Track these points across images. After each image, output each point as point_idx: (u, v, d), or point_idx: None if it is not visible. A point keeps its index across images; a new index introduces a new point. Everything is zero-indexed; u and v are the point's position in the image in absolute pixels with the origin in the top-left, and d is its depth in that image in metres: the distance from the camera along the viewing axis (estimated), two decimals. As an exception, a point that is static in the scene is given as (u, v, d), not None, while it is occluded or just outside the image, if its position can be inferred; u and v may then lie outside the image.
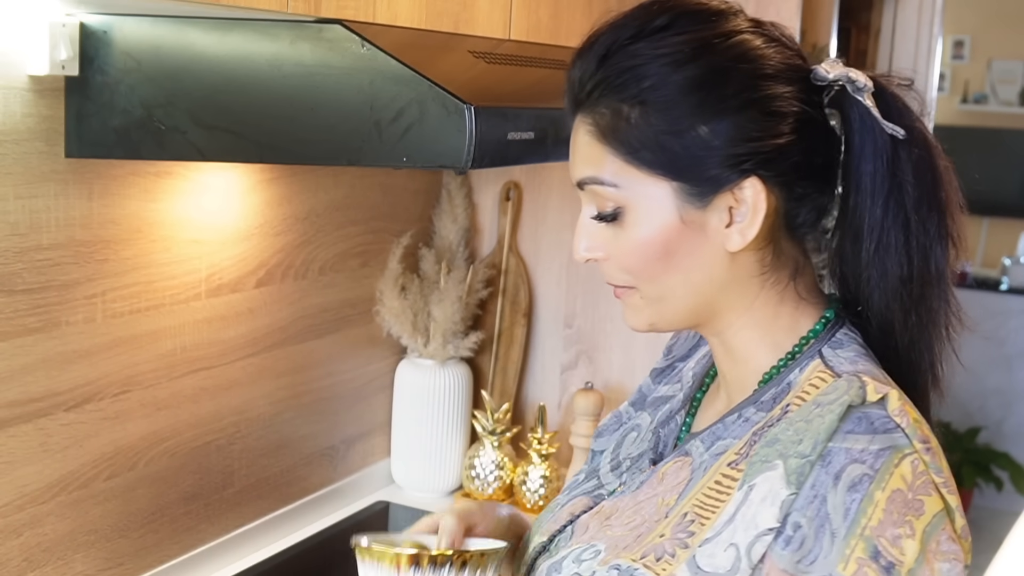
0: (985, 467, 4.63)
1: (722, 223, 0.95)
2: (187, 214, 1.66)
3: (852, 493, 0.86)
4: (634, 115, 0.94)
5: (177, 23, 1.34)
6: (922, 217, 0.96)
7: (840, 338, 0.98)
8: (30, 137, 1.39)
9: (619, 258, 0.98)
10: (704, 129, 0.93)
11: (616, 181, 0.96)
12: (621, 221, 0.97)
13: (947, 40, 5.84)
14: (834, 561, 0.85)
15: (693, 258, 0.96)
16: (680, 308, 0.99)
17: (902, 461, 0.87)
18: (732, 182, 0.94)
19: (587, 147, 0.97)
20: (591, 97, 0.97)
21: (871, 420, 0.89)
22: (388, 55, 1.25)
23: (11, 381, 1.42)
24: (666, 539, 0.93)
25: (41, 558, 1.49)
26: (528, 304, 2.33)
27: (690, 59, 0.93)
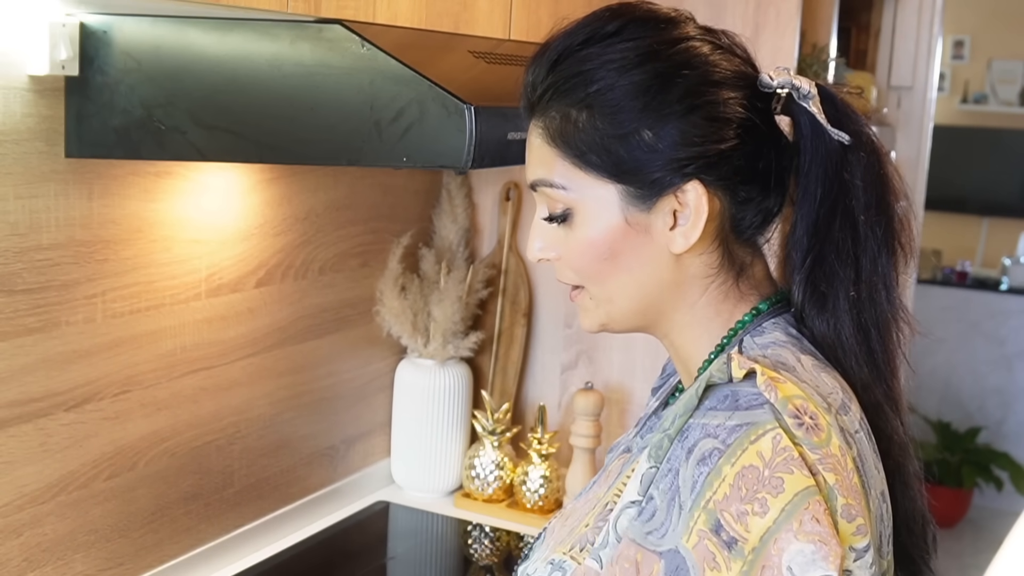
0: (985, 467, 4.63)
1: (666, 226, 0.97)
2: (187, 214, 1.66)
3: (701, 467, 0.87)
4: (582, 119, 0.96)
5: (177, 23, 1.34)
6: (871, 222, 0.98)
7: (765, 327, 0.99)
8: (30, 137, 1.39)
9: (569, 258, 1.01)
10: (648, 133, 0.95)
11: (565, 183, 0.98)
12: (570, 222, 0.99)
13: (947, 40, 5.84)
14: (680, 533, 0.86)
15: (638, 259, 0.98)
16: (627, 309, 1.01)
17: (761, 437, 0.87)
18: (675, 185, 0.96)
19: (539, 150, 1.00)
20: (542, 101, 0.99)
21: (737, 397, 0.90)
22: (388, 55, 1.25)
23: (11, 381, 1.42)
24: (589, 528, 0.97)
25: (41, 558, 1.49)
26: (528, 304, 2.33)
27: (636, 64, 0.95)
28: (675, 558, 0.86)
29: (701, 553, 0.85)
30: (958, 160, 5.59)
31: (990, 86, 6.00)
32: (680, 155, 0.95)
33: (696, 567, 0.85)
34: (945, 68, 5.91)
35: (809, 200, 0.98)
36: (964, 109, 6.03)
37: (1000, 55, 5.95)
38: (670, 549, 0.86)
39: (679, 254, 0.98)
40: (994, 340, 4.92)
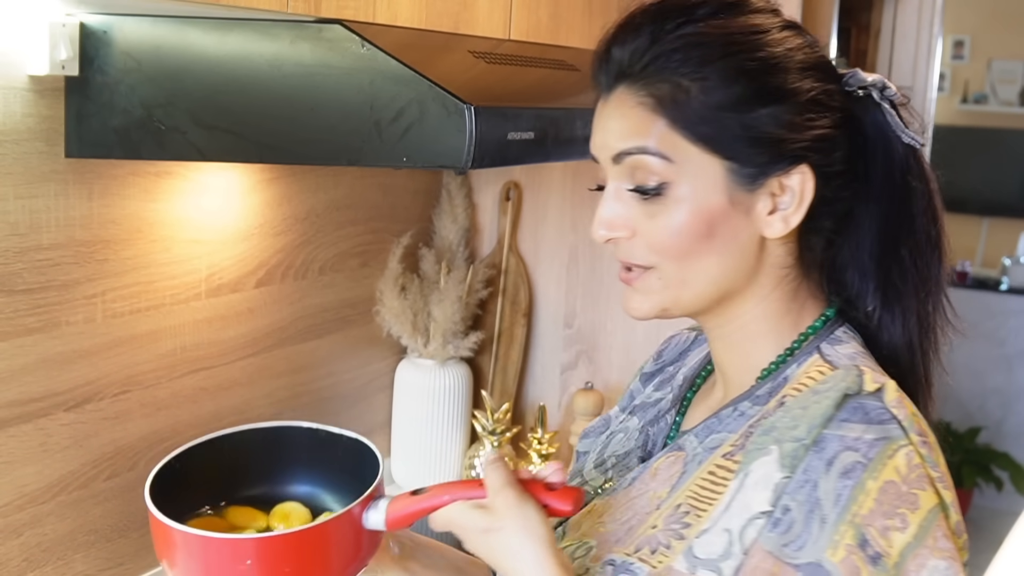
0: (985, 467, 4.63)
1: (766, 209, 0.96)
2: (187, 214, 1.66)
3: (844, 480, 0.86)
4: (695, 89, 0.93)
5: (177, 23, 1.34)
6: (925, 225, 0.99)
7: (839, 335, 0.99)
8: (30, 137, 1.39)
9: (651, 235, 0.96)
10: (763, 112, 0.94)
11: (668, 153, 0.94)
12: (664, 196, 0.95)
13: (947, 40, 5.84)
14: (823, 546, 0.85)
15: (733, 242, 0.96)
16: (701, 293, 0.98)
17: (896, 453, 0.87)
18: (782, 168, 0.95)
19: (636, 119, 0.95)
20: (646, 70, 0.95)
21: (867, 410, 0.89)
22: (388, 55, 1.25)
23: (11, 381, 1.42)
24: (659, 530, 0.93)
25: (41, 558, 1.49)
26: (528, 304, 2.33)
27: (759, 40, 0.95)
28: (817, 571, 0.84)
29: (848, 567, 0.84)
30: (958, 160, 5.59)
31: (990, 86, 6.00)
32: (793, 136, 0.94)
33: None
34: (945, 68, 5.91)
35: (877, 203, 0.99)
36: (964, 109, 6.03)
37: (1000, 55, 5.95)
38: (810, 562, 0.85)
39: (768, 240, 0.97)
40: (994, 340, 4.92)
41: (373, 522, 0.98)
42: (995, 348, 4.92)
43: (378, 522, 0.98)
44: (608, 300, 2.27)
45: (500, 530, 0.92)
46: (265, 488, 1.09)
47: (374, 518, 0.98)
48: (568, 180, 2.29)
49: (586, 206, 2.28)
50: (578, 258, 2.29)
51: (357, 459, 1.07)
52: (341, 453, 1.09)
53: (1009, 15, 5.85)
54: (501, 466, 0.96)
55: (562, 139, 1.46)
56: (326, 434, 1.09)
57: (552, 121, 1.43)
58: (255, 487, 1.09)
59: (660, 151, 0.94)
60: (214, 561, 0.94)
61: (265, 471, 1.10)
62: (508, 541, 0.92)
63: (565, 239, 2.30)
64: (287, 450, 1.10)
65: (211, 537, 0.94)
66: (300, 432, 1.10)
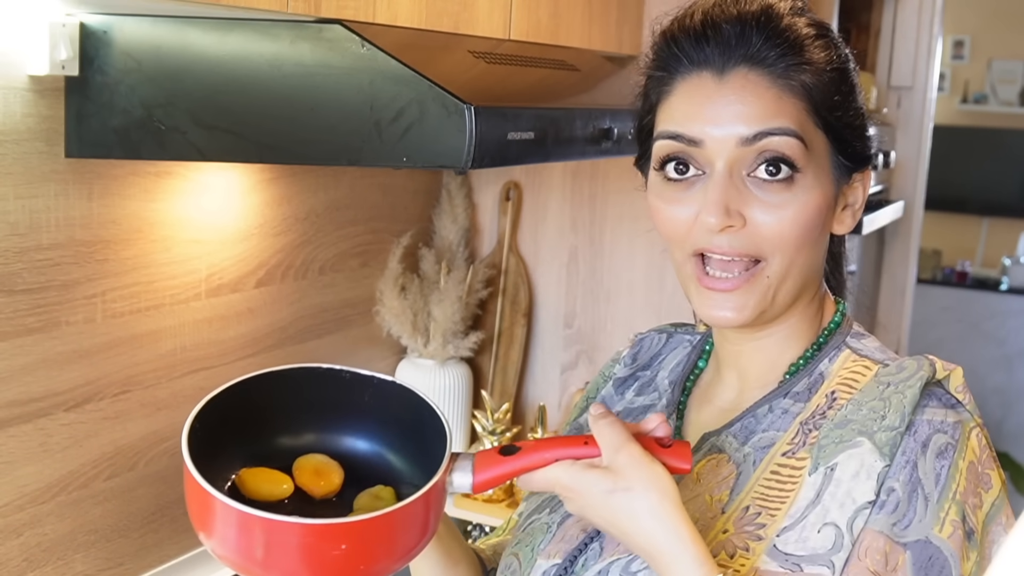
0: (985, 467, 4.62)
1: (842, 204, 0.99)
2: (187, 214, 1.66)
3: (940, 460, 0.89)
4: (828, 76, 0.95)
5: (177, 23, 1.34)
6: None
7: (858, 330, 1.03)
8: (30, 137, 1.39)
9: (772, 225, 0.92)
10: (856, 107, 0.98)
11: (807, 139, 0.93)
12: (793, 184, 0.93)
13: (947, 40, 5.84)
14: (929, 524, 0.87)
15: (824, 235, 0.98)
16: (793, 290, 0.96)
17: (971, 434, 0.92)
18: (865, 167, 0.99)
19: (774, 100, 0.92)
20: (787, 53, 0.93)
21: (938, 396, 0.93)
22: (388, 55, 1.25)
23: (11, 381, 1.42)
24: (732, 535, 0.92)
25: (41, 558, 1.49)
26: (528, 304, 2.33)
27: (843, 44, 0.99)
28: (926, 548, 0.87)
29: (957, 543, 0.87)
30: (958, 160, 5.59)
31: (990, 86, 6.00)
32: (870, 132, 0.99)
33: (955, 556, 0.87)
34: (945, 68, 5.91)
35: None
36: (964, 109, 6.03)
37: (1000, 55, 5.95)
38: (918, 540, 0.87)
39: (835, 235, 1.00)
40: (994, 340, 4.92)
41: (459, 485, 0.89)
42: (995, 348, 4.92)
43: (464, 484, 0.89)
44: (608, 300, 2.27)
45: (628, 491, 0.86)
46: (287, 438, 0.96)
47: (460, 480, 0.89)
48: (568, 180, 2.29)
49: (586, 206, 2.28)
50: (578, 258, 2.29)
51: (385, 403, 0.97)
52: (368, 397, 0.99)
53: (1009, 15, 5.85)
54: (616, 421, 0.89)
55: (562, 139, 1.46)
56: (351, 375, 0.99)
57: (552, 121, 1.43)
58: (278, 437, 0.96)
59: (802, 135, 0.93)
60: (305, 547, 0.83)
61: (287, 419, 0.97)
62: (638, 504, 0.86)
63: (565, 239, 2.30)
64: (309, 395, 0.99)
65: (304, 524, 0.82)
66: (320, 375, 1.00)
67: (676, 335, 1.16)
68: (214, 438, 0.91)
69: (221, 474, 0.92)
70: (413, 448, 0.95)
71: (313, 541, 0.82)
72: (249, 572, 0.86)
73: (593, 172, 2.27)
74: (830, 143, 0.95)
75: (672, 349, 1.15)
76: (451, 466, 0.89)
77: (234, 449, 0.94)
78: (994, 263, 5.60)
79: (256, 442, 0.95)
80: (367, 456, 0.97)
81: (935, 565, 0.87)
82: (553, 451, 0.89)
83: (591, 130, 1.52)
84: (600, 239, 2.27)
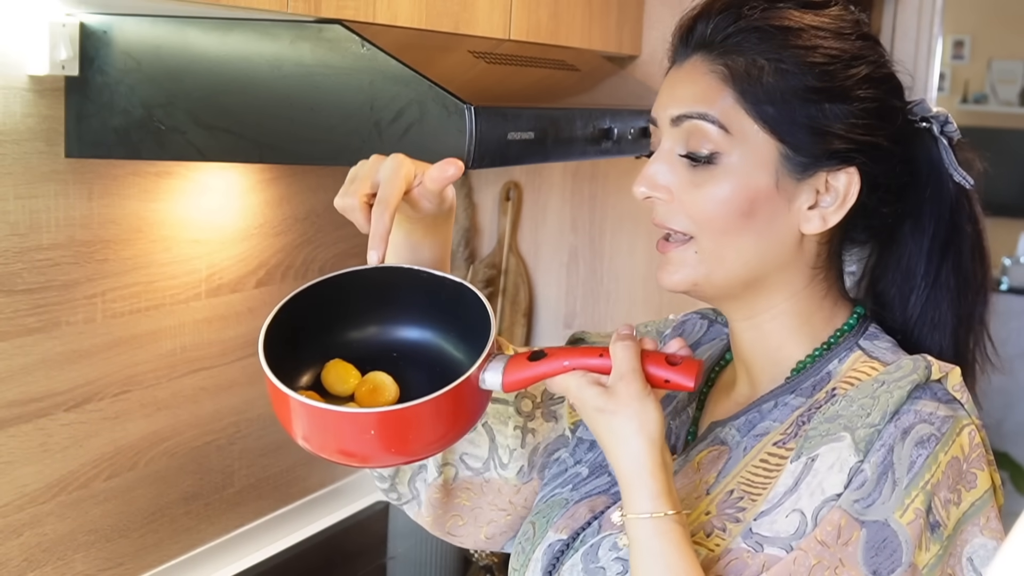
0: (985, 467, 4.63)
1: (806, 203, 0.97)
2: (187, 214, 1.66)
3: (919, 448, 0.90)
4: (768, 70, 0.96)
5: (177, 23, 1.34)
6: (972, 267, 1.04)
7: (873, 331, 1.02)
8: (30, 137, 1.39)
9: (693, 203, 0.97)
10: (828, 107, 0.96)
11: (727, 124, 0.96)
12: (714, 166, 0.96)
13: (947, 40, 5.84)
14: (892, 507, 0.88)
15: (769, 227, 0.97)
16: (733, 274, 0.99)
17: (963, 431, 0.92)
18: (833, 165, 0.97)
19: (705, 86, 0.97)
20: (727, 41, 0.97)
21: (934, 391, 0.93)
22: (388, 55, 1.26)
23: (11, 381, 1.42)
24: (713, 516, 0.96)
25: (41, 558, 1.49)
26: (528, 304, 2.33)
27: (841, 35, 0.98)
28: (883, 530, 0.88)
29: (915, 531, 0.88)
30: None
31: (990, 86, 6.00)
32: (850, 136, 0.96)
33: (909, 543, 0.88)
34: (945, 68, 5.92)
35: (921, 236, 1.02)
36: (964, 109, 6.03)
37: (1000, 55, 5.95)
38: (876, 521, 0.88)
39: (806, 235, 0.99)
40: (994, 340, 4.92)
41: (490, 383, 0.96)
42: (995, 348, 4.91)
43: (495, 383, 0.96)
44: (608, 300, 2.27)
45: (614, 414, 0.92)
46: (372, 329, 1.07)
47: (491, 379, 0.96)
48: (568, 180, 2.29)
49: (586, 206, 2.28)
50: (578, 258, 2.29)
51: (460, 305, 1.03)
52: (444, 298, 1.05)
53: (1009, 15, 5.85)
54: (632, 346, 0.94)
55: (562, 139, 1.46)
56: (428, 275, 1.05)
57: (552, 121, 1.43)
58: (361, 329, 1.06)
59: (720, 121, 0.96)
60: (339, 430, 0.96)
61: (369, 314, 1.07)
62: (619, 427, 0.92)
63: (565, 239, 2.30)
64: (393, 293, 1.06)
65: (333, 410, 0.95)
66: (403, 274, 1.06)
67: (716, 325, 1.18)
68: (289, 334, 1.04)
69: (299, 368, 1.06)
70: (467, 345, 1.02)
71: (346, 426, 0.95)
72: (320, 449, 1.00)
73: (593, 172, 2.27)
74: (770, 135, 0.96)
75: (711, 339, 1.17)
76: (485, 365, 0.96)
77: (308, 344, 1.06)
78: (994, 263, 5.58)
79: (327, 335, 1.06)
80: (424, 343, 1.06)
81: (887, 547, 0.88)
82: (572, 359, 0.96)
83: (591, 130, 1.52)
84: (600, 239, 2.27)
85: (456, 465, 1.17)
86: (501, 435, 1.15)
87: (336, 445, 0.98)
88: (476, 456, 1.17)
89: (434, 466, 1.16)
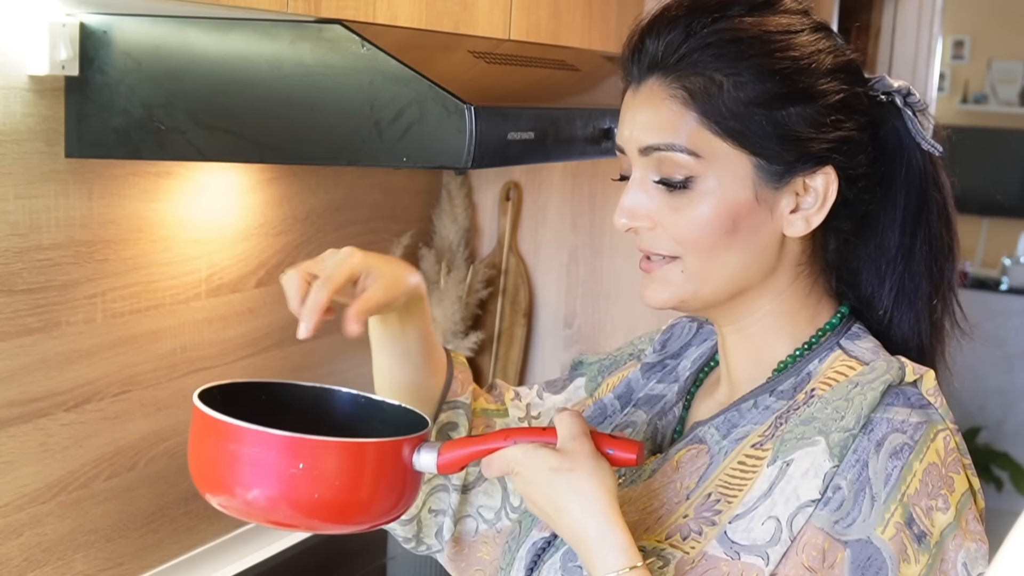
0: (985, 467, 4.63)
1: (788, 207, 0.97)
2: (187, 214, 1.66)
3: (894, 460, 0.89)
4: (728, 85, 0.94)
5: (177, 23, 1.34)
6: (939, 231, 1.02)
7: (856, 331, 1.02)
8: (30, 137, 1.39)
9: (676, 227, 0.96)
10: (793, 111, 0.95)
11: (696, 149, 0.95)
12: (690, 190, 0.95)
13: (947, 40, 5.84)
14: (872, 524, 0.88)
15: (754, 238, 0.97)
16: (720, 288, 0.98)
17: (936, 436, 0.91)
18: (809, 167, 0.96)
19: (667, 112, 0.96)
20: (681, 62, 0.95)
21: (907, 396, 0.92)
22: (388, 55, 1.26)
23: (11, 381, 1.42)
24: (690, 519, 0.95)
25: (41, 558, 1.49)
26: (528, 304, 2.33)
27: (791, 41, 0.96)
28: (866, 548, 0.87)
29: (897, 545, 0.87)
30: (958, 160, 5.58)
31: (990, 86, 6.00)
32: (821, 136, 0.95)
33: (893, 558, 0.87)
34: (945, 68, 5.92)
35: (895, 208, 1.01)
36: (964, 109, 6.03)
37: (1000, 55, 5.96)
38: (859, 539, 0.88)
39: (789, 238, 0.98)
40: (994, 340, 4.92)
41: (424, 463, 0.95)
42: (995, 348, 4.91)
43: (429, 463, 0.95)
44: (608, 300, 2.27)
45: (571, 471, 0.91)
46: None
47: (426, 459, 0.95)
48: (568, 180, 2.29)
49: (586, 206, 2.28)
50: (578, 258, 2.29)
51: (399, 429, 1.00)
52: (378, 424, 1.03)
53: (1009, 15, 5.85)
54: (576, 415, 0.95)
55: (562, 139, 1.46)
56: (366, 400, 1.04)
57: (552, 121, 1.43)
58: None
59: (689, 147, 0.95)
60: (266, 459, 0.90)
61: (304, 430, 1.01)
62: (578, 483, 0.91)
63: (565, 239, 2.30)
64: (325, 416, 1.03)
65: (267, 433, 0.90)
66: (341, 397, 1.05)
67: (706, 326, 1.18)
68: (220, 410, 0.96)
69: None
70: None
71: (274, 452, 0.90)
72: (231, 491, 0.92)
73: (593, 172, 2.27)
74: (741, 149, 0.95)
75: (702, 340, 1.17)
76: (418, 443, 0.96)
77: None
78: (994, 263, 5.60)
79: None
80: None
81: (872, 565, 0.87)
82: (515, 435, 0.96)
83: (591, 130, 1.52)
84: (600, 239, 2.27)
85: (476, 518, 1.18)
86: (512, 482, 1.14)
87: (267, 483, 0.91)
88: (490, 507, 1.17)
89: (450, 520, 1.17)
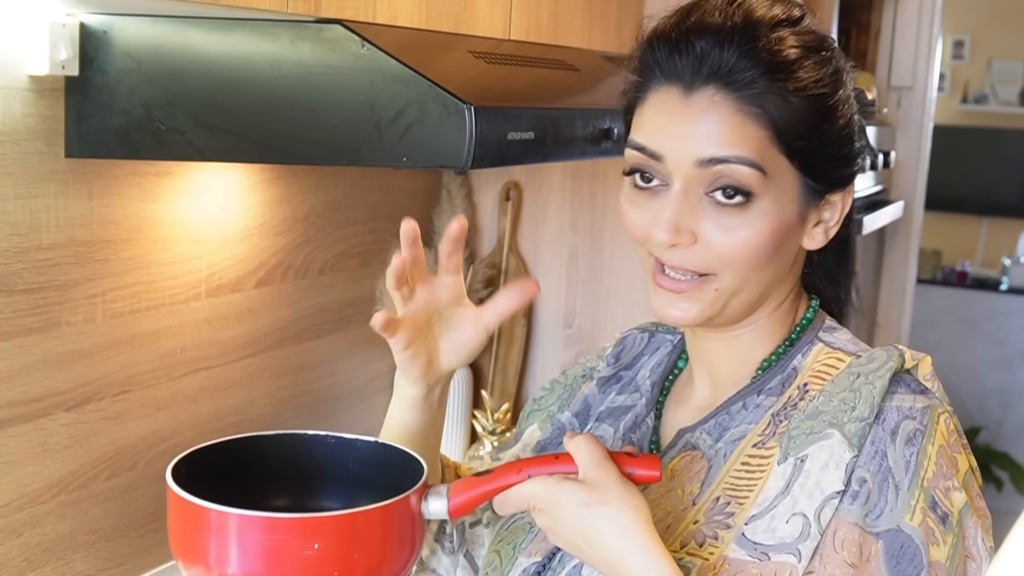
0: (985, 467, 4.63)
1: (812, 222, 0.99)
2: (187, 214, 1.66)
3: (909, 447, 0.90)
4: (797, 103, 0.93)
5: (177, 23, 1.34)
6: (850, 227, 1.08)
7: (830, 324, 1.04)
8: (30, 137, 1.39)
9: (724, 246, 0.93)
10: (835, 129, 0.96)
11: (764, 166, 0.92)
12: (747, 208, 0.93)
13: (947, 40, 5.84)
14: (900, 512, 0.89)
15: (787, 254, 0.98)
16: (747, 303, 0.98)
17: (940, 419, 0.93)
18: (842, 184, 0.98)
19: (736, 126, 0.92)
20: (750, 75, 0.92)
21: (907, 382, 0.94)
22: (388, 55, 1.25)
23: (11, 381, 1.42)
24: (702, 524, 0.94)
25: (41, 558, 1.49)
26: (528, 304, 2.33)
27: (834, 57, 0.97)
28: (898, 537, 0.88)
29: (925, 530, 0.88)
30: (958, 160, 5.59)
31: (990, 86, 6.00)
32: (855, 153, 0.98)
33: (924, 543, 0.88)
34: (945, 68, 5.92)
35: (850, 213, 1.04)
36: (964, 109, 6.03)
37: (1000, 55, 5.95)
38: (889, 529, 0.88)
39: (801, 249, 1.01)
40: (994, 340, 4.93)
41: (434, 511, 0.89)
42: (995, 348, 4.92)
43: (440, 510, 0.89)
44: (608, 300, 2.27)
45: (603, 504, 0.86)
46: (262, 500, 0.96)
47: (436, 506, 0.89)
48: (568, 180, 2.29)
49: (586, 206, 2.28)
50: (578, 258, 2.29)
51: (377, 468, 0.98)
52: (352, 464, 0.99)
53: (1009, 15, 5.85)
54: (592, 439, 0.89)
55: (562, 139, 1.46)
56: (336, 440, 1.00)
57: (552, 121, 1.43)
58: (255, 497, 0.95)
59: (759, 163, 0.92)
60: (276, 547, 0.84)
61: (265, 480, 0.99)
62: (613, 516, 0.86)
63: (565, 239, 2.30)
64: (292, 464, 1.00)
65: (276, 518, 0.83)
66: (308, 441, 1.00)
67: (658, 334, 1.17)
68: (193, 488, 0.93)
69: None
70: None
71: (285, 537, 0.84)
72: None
73: (593, 172, 2.27)
74: (797, 169, 0.94)
75: (655, 349, 1.16)
76: (425, 494, 0.90)
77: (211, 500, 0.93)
78: (994, 263, 5.60)
79: (232, 499, 0.94)
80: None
81: (906, 553, 0.88)
82: (528, 469, 0.89)
83: (591, 130, 1.52)
84: (600, 239, 2.27)
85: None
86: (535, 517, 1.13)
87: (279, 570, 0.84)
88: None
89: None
